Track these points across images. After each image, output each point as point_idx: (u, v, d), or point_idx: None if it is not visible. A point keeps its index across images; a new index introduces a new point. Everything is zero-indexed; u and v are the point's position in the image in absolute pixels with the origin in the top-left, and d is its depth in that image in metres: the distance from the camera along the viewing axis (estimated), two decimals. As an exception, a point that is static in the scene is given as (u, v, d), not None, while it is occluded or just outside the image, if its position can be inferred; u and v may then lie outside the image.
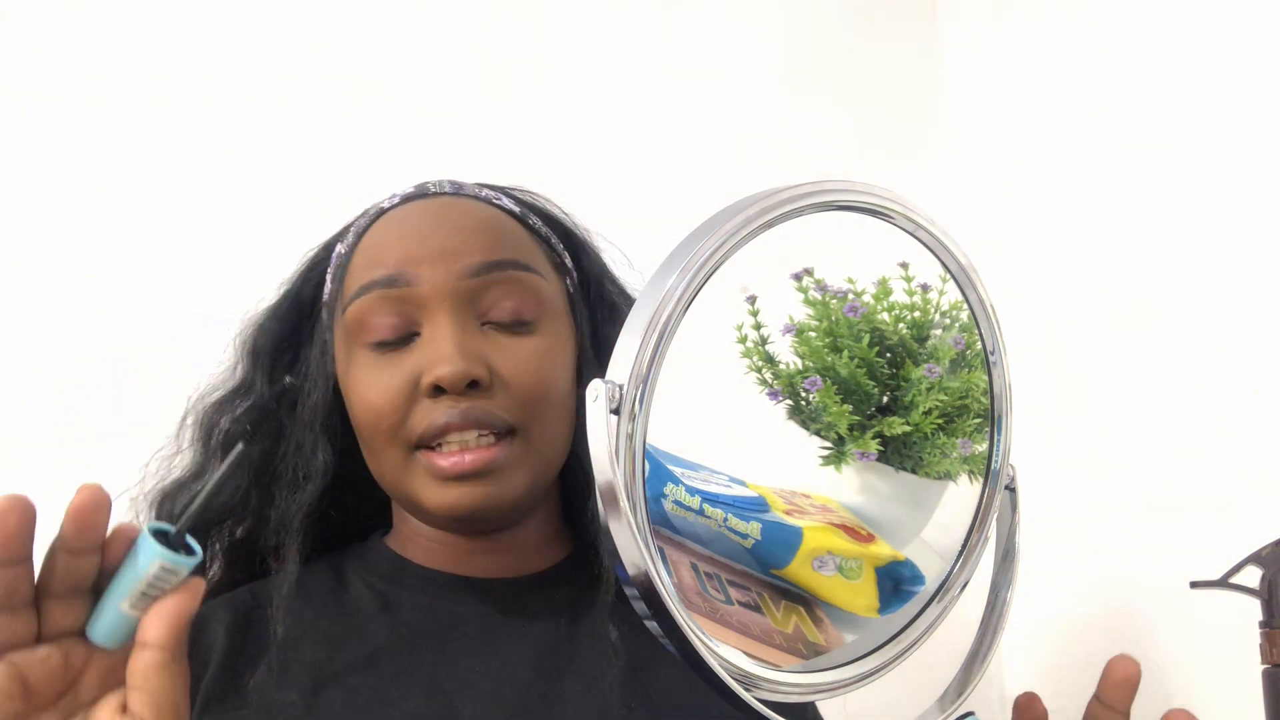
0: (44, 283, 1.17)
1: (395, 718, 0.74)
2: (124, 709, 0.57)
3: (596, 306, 0.88)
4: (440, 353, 0.76)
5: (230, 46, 1.27)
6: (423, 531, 0.84)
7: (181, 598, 0.57)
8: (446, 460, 0.76)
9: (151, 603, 0.57)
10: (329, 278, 0.86)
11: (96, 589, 0.58)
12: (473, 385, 0.76)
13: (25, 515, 0.54)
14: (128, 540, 0.57)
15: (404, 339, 0.79)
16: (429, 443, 0.77)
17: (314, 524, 0.82)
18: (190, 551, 0.58)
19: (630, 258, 0.93)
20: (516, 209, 0.87)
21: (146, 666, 0.56)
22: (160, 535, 0.57)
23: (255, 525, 0.85)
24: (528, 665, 0.78)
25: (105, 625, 0.58)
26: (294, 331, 0.88)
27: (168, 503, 0.84)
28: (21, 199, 1.19)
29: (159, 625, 0.56)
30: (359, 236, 0.84)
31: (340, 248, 0.86)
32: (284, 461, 0.84)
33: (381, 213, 0.85)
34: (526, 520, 0.84)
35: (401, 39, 1.33)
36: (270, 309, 0.88)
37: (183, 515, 0.61)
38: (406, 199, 0.85)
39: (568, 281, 0.87)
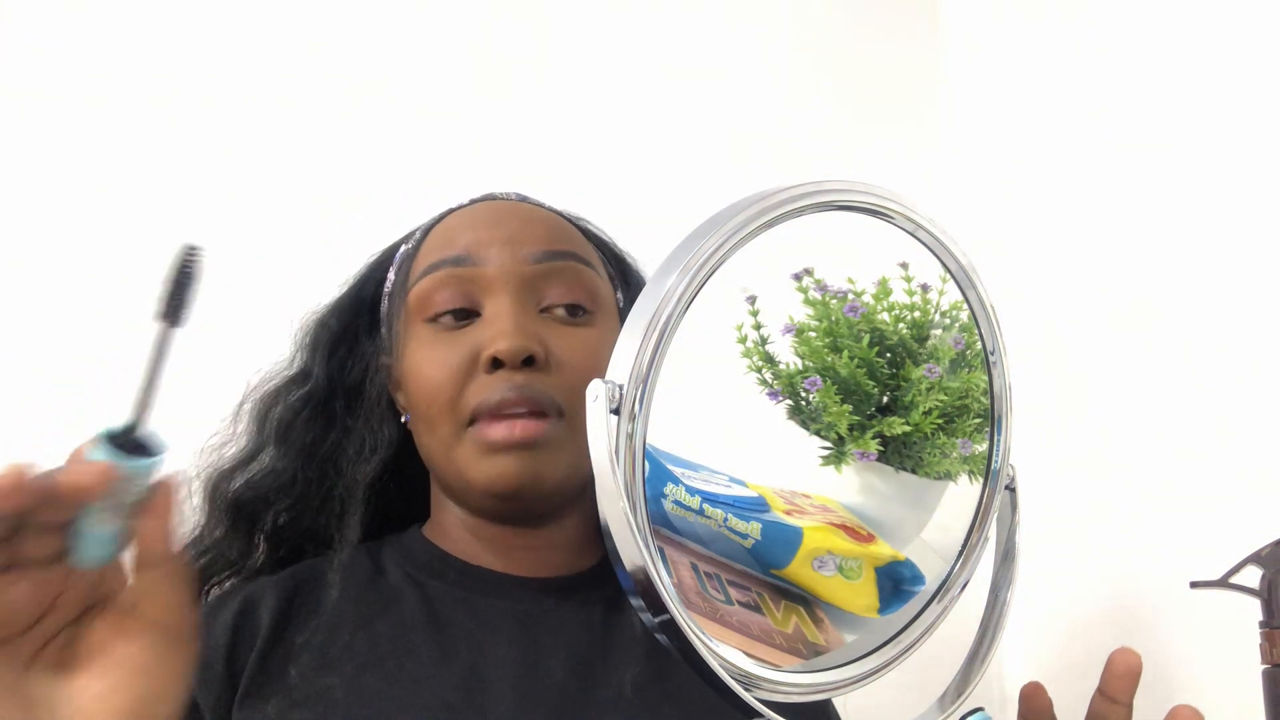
0: (44, 283, 1.17)
1: (431, 704, 0.75)
2: (125, 616, 0.57)
3: None
4: (501, 329, 0.80)
5: (230, 47, 1.27)
6: (461, 523, 0.85)
7: (157, 514, 0.57)
8: (497, 431, 0.78)
9: (122, 511, 0.56)
10: (393, 271, 0.90)
11: None
12: (529, 362, 0.79)
13: (16, 483, 0.53)
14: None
15: (465, 318, 0.83)
16: (483, 417, 0.79)
17: (374, 500, 0.86)
18: (147, 453, 0.56)
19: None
20: (574, 221, 0.92)
21: (152, 583, 0.57)
22: (117, 439, 0.56)
23: (300, 509, 0.87)
24: (561, 665, 0.79)
25: (82, 547, 0.56)
26: (352, 326, 0.91)
27: (224, 483, 0.86)
28: (21, 199, 1.19)
29: (152, 542, 0.57)
30: (426, 232, 0.89)
31: (405, 246, 0.91)
32: (342, 443, 0.87)
33: (450, 211, 0.90)
34: (563, 518, 0.85)
35: (401, 39, 1.33)
36: (331, 305, 0.92)
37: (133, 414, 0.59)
38: (474, 201, 0.90)
39: (619, 294, 0.91)
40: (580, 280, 0.84)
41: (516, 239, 0.83)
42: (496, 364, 0.79)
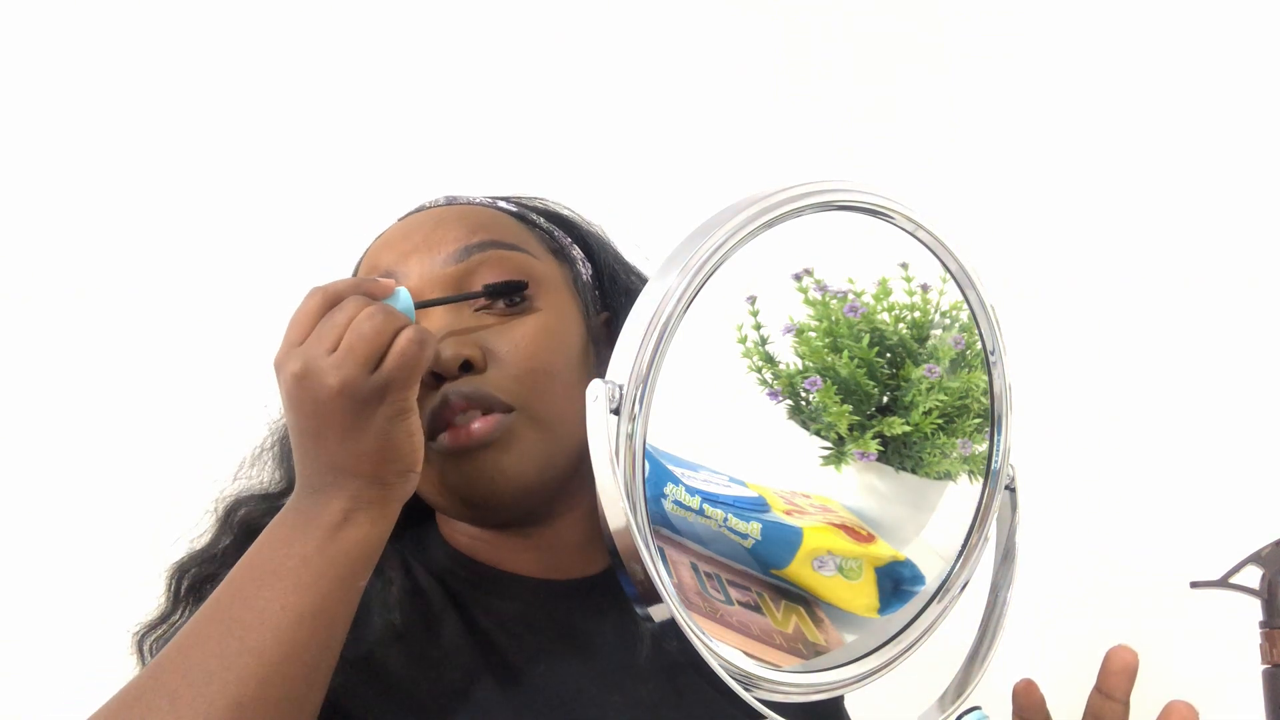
0: (43, 285, 1.17)
1: (440, 694, 0.76)
2: None
3: (611, 294, 0.89)
4: (435, 340, 0.77)
5: (232, 52, 1.27)
6: (464, 529, 0.85)
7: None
8: (448, 439, 0.77)
9: None
10: None
11: None
12: (466, 367, 0.77)
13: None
14: None
15: None
16: (437, 430, 0.78)
17: None
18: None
19: (643, 248, 0.93)
20: (513, 209, 0.89)
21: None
22: None
23: None
24: (575, 670, 0.79)
25: None
26: None
27: (241, 509, 0.86)
28: (21, 199, 1.19)
29: None
30: (358, 262, 0.88)
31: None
32: None
33: (378, 236, 0.88)
34: (563, 518, 0.83)
35: (401, 41, 1.33)
36: None
37: None
38: (402, 218, 0.88)
39: (575, 269, 0.88)
40: (507, 267, 0.81)
41: (432, 243, 0.82)
42: (437, 378, 0.77)
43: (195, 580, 0.85)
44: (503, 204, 0.89)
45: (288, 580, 0.67)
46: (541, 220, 0.89)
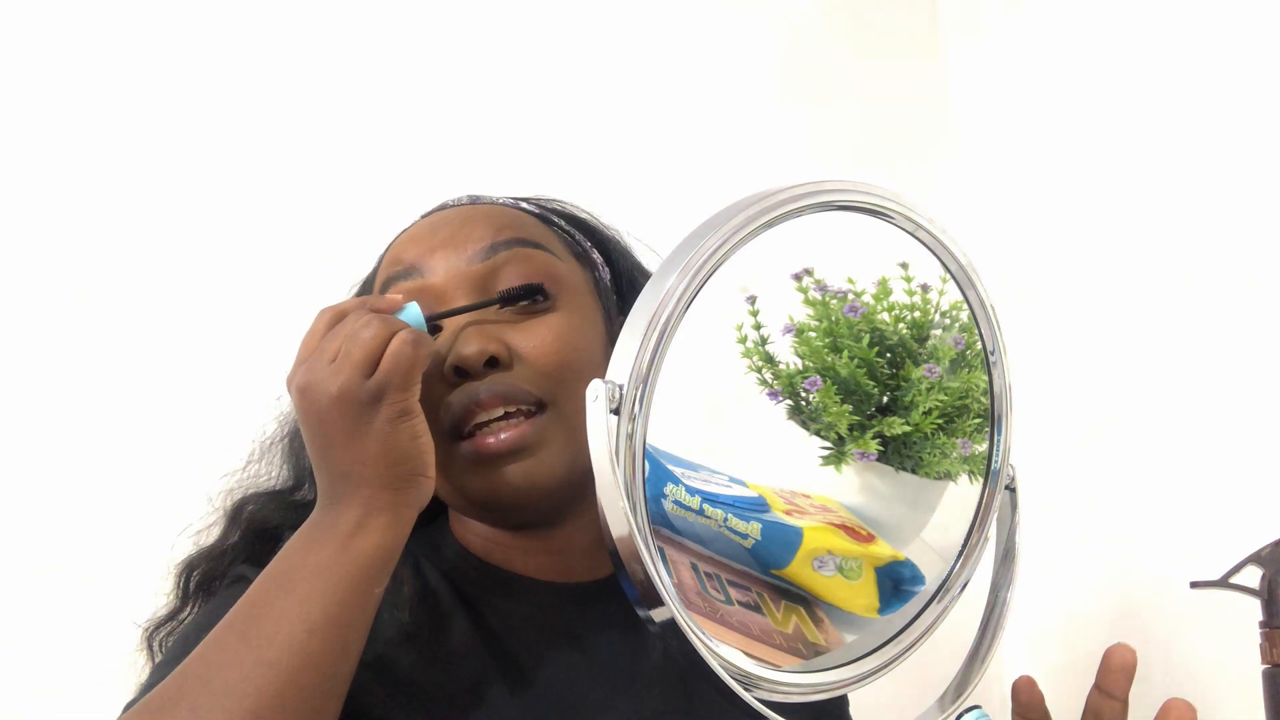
0: (43, 285, 1.17)
1: (447, 694, 0.76)
2: None
3: (629, 298, 0.89)
4: (457, 336, 0.78)
5: (238, 50, 1.27)
6: (476, 529, 0.85)
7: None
8: (483, 443, 0.77)
9: None
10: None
11: None
12: (492, 364, 0.77)
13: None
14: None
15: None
16: (463, 428, 0.78)
17: None
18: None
19: (660, 253, 0.93)
20: (535, 210, 0.89)
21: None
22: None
23: None
24: (582, 675, 0.79)
25: None
26: None
27: (249, 506, 0.87)
28: (21, 199, 1.19)
29: None
30: (381, 255, 0.88)
31: (368, 273, 0.90)
32: None
33: (402, 231, 0.88)
34: (574, 521, 0.83)
35: (400, 41, 1.33)
36: None
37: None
38: (425, 215, 0.88)
39: (596, 273, 0.89)
40: (531, 265, 0.81)
41: (458, 240, 0.82)
42: (461, 373, 0.77)
43: (203, 577, 0.86)
44: (525, 205, 0.89)
45: (302, 590, 0.67)
46: (563, 223, 0.90)
